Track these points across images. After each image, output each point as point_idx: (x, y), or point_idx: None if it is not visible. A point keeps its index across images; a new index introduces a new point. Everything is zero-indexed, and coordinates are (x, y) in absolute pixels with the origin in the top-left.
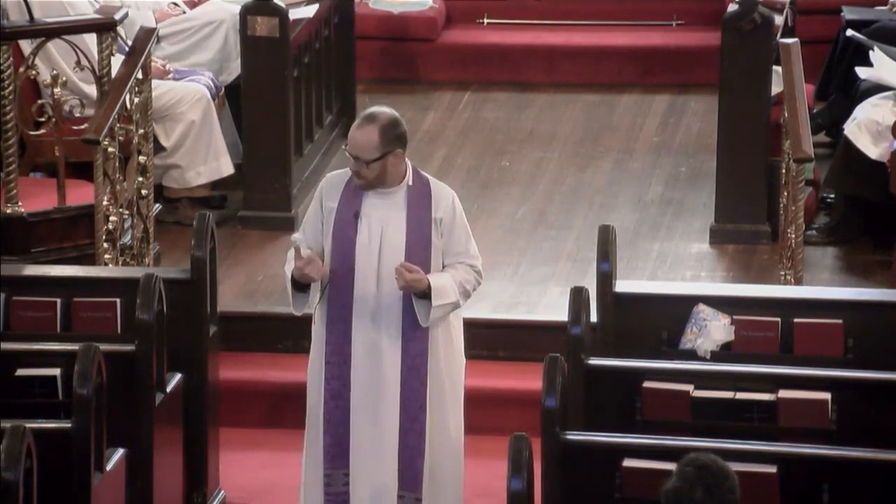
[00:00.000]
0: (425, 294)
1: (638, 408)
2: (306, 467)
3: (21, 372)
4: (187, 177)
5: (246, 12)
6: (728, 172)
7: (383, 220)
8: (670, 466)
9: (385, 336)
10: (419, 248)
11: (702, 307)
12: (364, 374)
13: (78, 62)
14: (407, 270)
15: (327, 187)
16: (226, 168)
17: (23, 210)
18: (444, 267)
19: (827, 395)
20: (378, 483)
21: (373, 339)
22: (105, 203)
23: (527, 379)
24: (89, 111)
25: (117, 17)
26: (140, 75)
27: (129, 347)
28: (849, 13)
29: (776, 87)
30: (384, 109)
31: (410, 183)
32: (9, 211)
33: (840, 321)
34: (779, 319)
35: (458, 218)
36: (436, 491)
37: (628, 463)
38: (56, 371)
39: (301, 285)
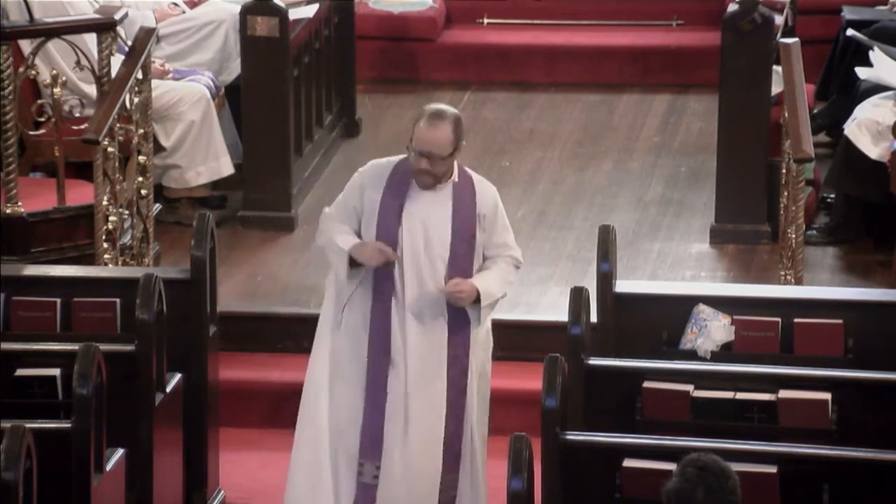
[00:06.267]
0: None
1: (638, 408)
2: (297, 458)
3: (21, 372)
4: (187, 177)
5: (246, 12)
6: (728, 172)
7: (427, 215)
8: (670, 466)
9: (429, 329)
10: (463, 242)
11: (702, 307)
12: (408, 365)
13: (78, 62)
14: (456, 288)
15: (371, 177)
16: (226, 168)
17: (23, 210)
18: (484, 259)
19: (827, 395)
20: (417, 474)
21: (416, 332)
22: (105, 203)
23: (527, 379)
24: (89, 111)
25: (117, 17)
26: (140, 75)
27: (129, 347)
28: (849, 13)
29: (776, 87)
30: (446, 107)
31: (457, 179)
32: (9, 211)
33: (840, 321)
34: (779, 319)
35: (501, 214)
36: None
37: (628, 463)
38: (56, 371)
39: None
